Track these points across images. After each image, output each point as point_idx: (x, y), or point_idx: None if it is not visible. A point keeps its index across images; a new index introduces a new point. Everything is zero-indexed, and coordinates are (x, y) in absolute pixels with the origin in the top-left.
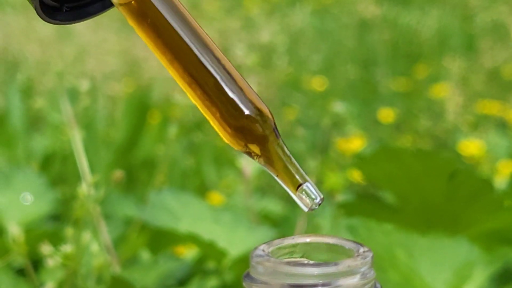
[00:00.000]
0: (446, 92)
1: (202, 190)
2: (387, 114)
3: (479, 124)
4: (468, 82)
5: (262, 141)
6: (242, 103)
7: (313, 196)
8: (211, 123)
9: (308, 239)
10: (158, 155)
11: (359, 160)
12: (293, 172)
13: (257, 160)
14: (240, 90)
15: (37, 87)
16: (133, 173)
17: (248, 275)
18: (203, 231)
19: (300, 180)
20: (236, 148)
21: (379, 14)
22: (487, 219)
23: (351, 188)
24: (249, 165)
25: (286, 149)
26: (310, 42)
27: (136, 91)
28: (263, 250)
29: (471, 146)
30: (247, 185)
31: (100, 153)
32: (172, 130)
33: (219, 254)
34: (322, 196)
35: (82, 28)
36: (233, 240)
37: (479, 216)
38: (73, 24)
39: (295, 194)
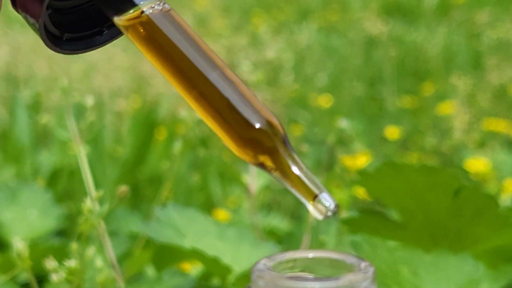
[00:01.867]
0: (452, 110)
1: (208, 207)
2: (393, 132)
3: (485, 141)
4: (474, 99)
5: (272, 152)
6: (251, 116)
7: (328, 204)
8: (221, 137)
9: (309, 254)
10: (164, 171)
11: (363, 176)
12: (308, 183)
13: (272, 173)
14: (249, 104)
15: (45, 103)
16: (140, 189)
17: None
18: (207, 247)
19: (316, 191)
20: (247, 161)
21: (385, 32)
22: (492, 236)
23: (356, 204)
24: (255, 181)
25: (299, 161)
26: (317, 59)
27: (143, 107)
28: (265, 264)
29: (477, 164)
30: (253, 201)
31: (106, 169)
32: (178, 146)
33: (224, 270)
34: (336, 203)
35: None
36: (238, 256)
37: (484, 232)
38: None
39: (311, 205)
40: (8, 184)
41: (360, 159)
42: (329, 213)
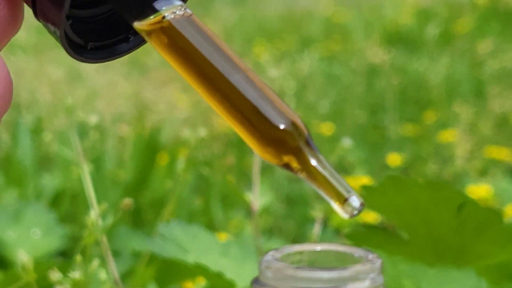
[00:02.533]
0: (454, 138)
1: (209, 230)
2: (395, 159)
3: (487, 169)
4: (476, 128)
5: (297, 152)
6: (275, 117)
7: (356, 204)
8: (245, 138)
9: (317, 247)
10: (166, 194)
11: (367, 191)
12: (336, 184)
13: (298, 174)
14: (273, 105)
15: (47, 127)
16: (141, 213)
17: (257, 281)
18: (211, 263)
19: (345, 194)
20: (272, 162)
21: (387, 60)
22: (495, 251)
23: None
24: (257, 200)
25: (324, 161)
26: (318, 87)
27: (145, 132)
28: (272, 256)
29: (479, 190)
30: (255, 220)
31: (108, 193)
32: (181, 165)
33: (227, 285)
34: (362, 201)
35: (91, 71)
36: (241, 272)
37: (487, 248)
38: (83, 67)
39: (337, 205)
40: (12, 205)
41: (361, 180)
42: (355, 212)
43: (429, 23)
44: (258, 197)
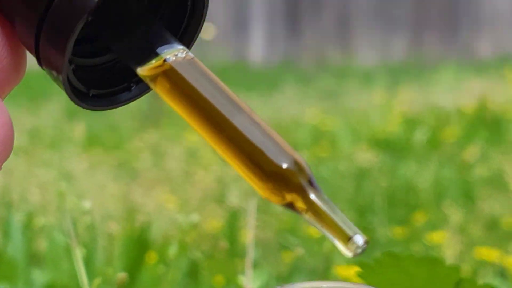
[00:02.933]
0: (444, 239)
1: None
2: None
3: (477, 270)
4: (466, 229)
5: (300, 191)
6: (277, 157)
7: (359, 242)
8: (247, 179)
9: (323, 284)
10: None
11: (363, 268)
12: (341, 224)
13: (303, 215)
14: (275, 145)
15: (38, 223)
16: None
17: None
18: None
19: (350, 233)
20: (275, 202)
21: (375, 164)
22: None
23: None
24: (250, 283)
25: (328, 200)
26: None
27: (134, 231)
28: None
29: None
30: None
31: None
32: (172, 251)
33: None
34: (366, 239)
35: (80, 173)
36: None
37: None
38: (72, 168)
39: (344, 246)
40: None
41: (354, 269)
42: (359, 250)
43: (417, 130)
44: (251, 280)
